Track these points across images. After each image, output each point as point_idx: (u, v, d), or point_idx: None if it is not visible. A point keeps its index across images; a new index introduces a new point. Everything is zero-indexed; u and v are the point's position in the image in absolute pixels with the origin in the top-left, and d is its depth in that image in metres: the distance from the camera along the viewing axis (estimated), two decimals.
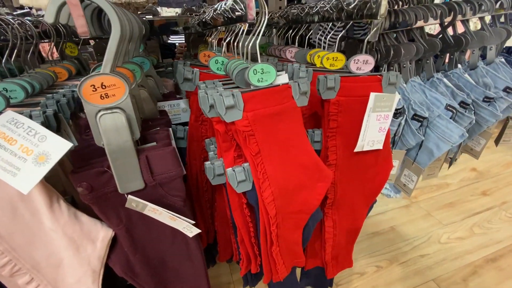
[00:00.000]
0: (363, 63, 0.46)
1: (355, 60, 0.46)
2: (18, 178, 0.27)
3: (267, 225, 0.41)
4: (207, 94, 0.36)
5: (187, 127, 0.51)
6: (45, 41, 0.59)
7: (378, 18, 0.39)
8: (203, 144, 0.51)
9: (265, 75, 0.37)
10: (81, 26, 0.27)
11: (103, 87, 0.31)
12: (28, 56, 0.50)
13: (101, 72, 0.31)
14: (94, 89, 0.31)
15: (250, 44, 0.37)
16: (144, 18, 0.74)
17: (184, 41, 1.43)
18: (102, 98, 0.31)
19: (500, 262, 1.16)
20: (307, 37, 0.61)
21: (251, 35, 0.36)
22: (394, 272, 1.13)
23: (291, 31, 0.71)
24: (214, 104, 0.35)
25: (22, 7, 1.10)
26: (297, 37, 0.66)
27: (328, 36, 0.55)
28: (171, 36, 1.65)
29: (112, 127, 0.31)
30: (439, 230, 1.32)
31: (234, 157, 0.40)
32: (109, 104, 0.31)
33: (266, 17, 0.35)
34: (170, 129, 0.41)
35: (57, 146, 0.28)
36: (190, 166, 0.53)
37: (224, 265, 1.18)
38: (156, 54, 0.77)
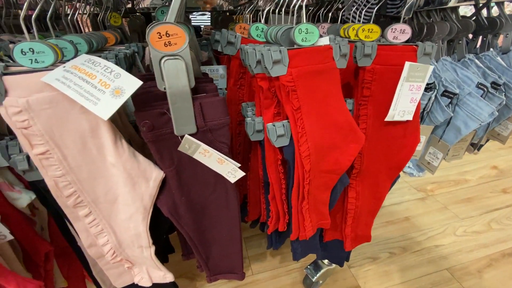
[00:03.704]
0: (400, 32, 0.47)
1: (392, 29, 0.47)
2: (99, 107, 0.31)
3: (301, 179, 0.44)
4: (255, 50, 0.39)
5: (225, 91, 0.54)
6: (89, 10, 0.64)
7: None
8: (239, 108, 0.54)
9: (309, 35, 0.40)
10: None
11: (167, 35, 0.34)
12: (75, 18, 0.54)
13: (166, 21, 0.34)
14: (159, 37, 0.34)
15: (297, 4, 0.39)
16: None
17: (209, 24, 1.46)
18: (165, 45, 0.35)
19: None
20: (340, 13, 0.63)
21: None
22: (407, 259, 1.14)
23: (322, 9, 0.73)
24: (261, 59, 0.38)
25: None
26: (330, 14, 0.68)
27: (364, 11, 0.57)
28: (194, 19, 1.66)
29: (174, 72, 0.35)
30: (455, 223, 1.31)
31: (274, 114, 0.43)
32: (172, 52, 0.35)
33: None
34: None
35: (130, 83, 0.32)
36: None
37: None
38: None
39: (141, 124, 0.36)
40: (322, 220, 0.53)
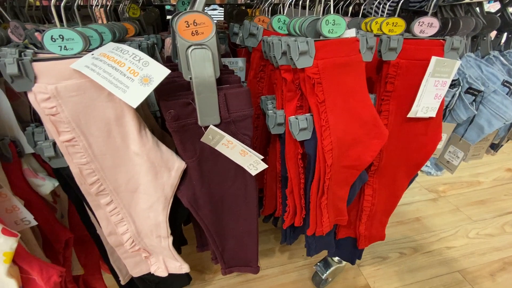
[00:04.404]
0: (427, 26, 0.46)
1: (419, 22, 0.46)
2: (128, 94, 0.31)
3: (322, 174, 0.43)
4: (280, 40, 0.38)
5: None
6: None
7: None
8: (257, 101, 0.54)
9: (335, 26, 0.39)
10: None
11: (195, 24, 0.34)
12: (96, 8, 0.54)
13: (195, 9, 0.34)
14: (187, 25, 0.34)
15: None
16: None
17: (221, 18, 1.45)
18: (192, 34, 0.34)
19: None
20: (362, 7, 0.61)
21: None
22: (418, 260, 1.13)
23: (342, 2, 0.72)
24: (287, 50, 0.37)
25: None
26: (350, 8, 0.67)
27: (387, 5, 0.56)
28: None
29: (200, 62, 0.35)
30: (467, 225, 1.29)
31: (296, 107, 0.43)
32: (199, 41, 0.34)
33: None
34: None
35: (158, 71, 0.32)
36: None
37: None
38: None
39: (166, 113, 0.35)
40: (340, 216, 0.52)
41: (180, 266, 0.51)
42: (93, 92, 0.34)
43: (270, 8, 0.64)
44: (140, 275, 0.53)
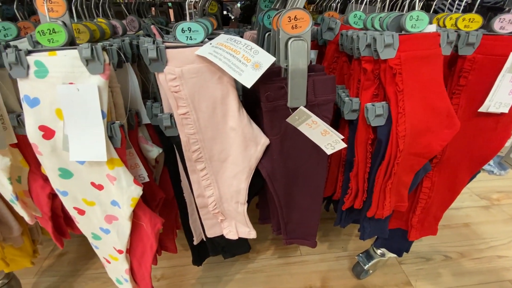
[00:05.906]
0: (508, 23, 0.47)
1: (500, 19, 0.47)
2: (243, 76, 0.38)
3: (393, 158, 0.47)
4: (366, 34, 0.42)
5: None
6: None
7: None
8: None
9: (418, 22, 0.43)
10: None
11: (295, 19, 0.40)
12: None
13: (297, 7, 0.40)
14: (289, 20, 0.40)
15: None
16: None
17: None
18: (292, 28, 0.40)
19: None
20: (434, 3, 0.63)
21: None
22: (464, 265, 1.09)
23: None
24: (372, 42, 0.42)
25: None
26: (420, 4, 0.68)
27: (463, 1, 0.57)
28: None
29: (297, 52, 0.41)
30: None
31: (372, 95, 0.47)
32: (297, 34, 0.40)
33: None
34: None
35: (266, 59, 0.38)
36: None
37: None
38: None
39: (264, 95, 0.42)
40: (400, 202, 0.56)
41: (249, 232, 0.59)
42: (208, 75, 0.42)
43: (339, 4, 0.68)
44: (213, 236, 0.62)
